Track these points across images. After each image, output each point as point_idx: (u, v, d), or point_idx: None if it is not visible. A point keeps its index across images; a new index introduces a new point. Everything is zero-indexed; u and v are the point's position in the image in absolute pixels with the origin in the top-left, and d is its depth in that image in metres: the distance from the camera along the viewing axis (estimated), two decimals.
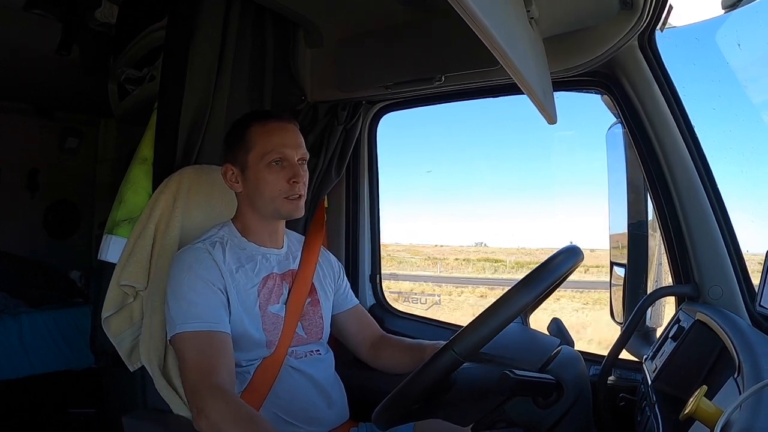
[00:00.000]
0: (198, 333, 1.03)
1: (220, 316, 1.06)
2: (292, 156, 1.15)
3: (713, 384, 0.80)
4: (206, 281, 1.07)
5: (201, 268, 1.07)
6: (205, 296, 1.06)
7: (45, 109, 3.20)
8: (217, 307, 1.06)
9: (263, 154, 1.13)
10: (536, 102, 0.88)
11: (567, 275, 0.97)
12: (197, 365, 1.00)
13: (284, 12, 1.42)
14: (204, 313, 1.04)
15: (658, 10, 1.07)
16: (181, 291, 1.06)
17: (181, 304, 1.05)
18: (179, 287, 1.06)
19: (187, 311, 1.04)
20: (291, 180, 1.13)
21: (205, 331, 1.03)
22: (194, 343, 1.02)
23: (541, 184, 19.58)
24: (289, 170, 1.14)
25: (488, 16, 0.54)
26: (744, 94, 1.69)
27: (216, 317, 1.05)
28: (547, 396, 0.87)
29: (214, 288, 1.07)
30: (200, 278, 1.06)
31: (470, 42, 0.93)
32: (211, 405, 0.96)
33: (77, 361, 2.62)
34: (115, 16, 2.12)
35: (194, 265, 1.08)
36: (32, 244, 3.20)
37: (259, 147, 1.14)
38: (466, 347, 0.83)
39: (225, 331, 1.05)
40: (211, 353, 1.01)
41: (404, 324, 1.66)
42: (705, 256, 1.12)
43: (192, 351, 1.02)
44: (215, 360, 1.01)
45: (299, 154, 1.16)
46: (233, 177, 1.17)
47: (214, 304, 1.06)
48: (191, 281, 1.06)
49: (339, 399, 1.20)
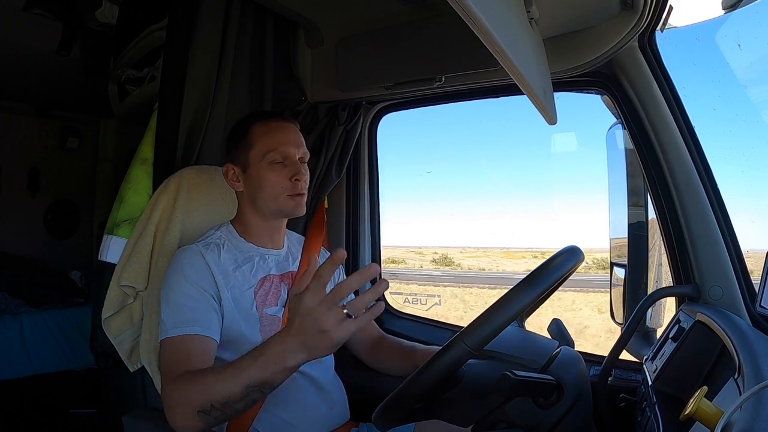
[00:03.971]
0: (185, 337, 1.01)
1: (209, 321, 1.04)
2: (293, 154, 1.15)
3: (713, 384, 0.80)
4: (197, 286, 1.06)
5: (193, 272, 1.07)
6: (194, 299, 1.04)
7: (45, 109, 3.21)
8: (207, 310, 1.05)
9: (265, 153, 1.13)
10: (536, 102, 0.88)
11: (569, 274, 0.97)
12: (174, 366, 0.97)
13: (284, 12, 1.42)
14: (193, 317, 1.03)
15: (659, 11, 1.07)
16: (173, 295, 1.05)
17: (172, 308, 1.04)
18: (170, 291, 1.06)
19: (177, 315, 1.02)
20: (293, 178, 1.14)
21: (192, 335, 1.01)
22: (178, 348, 1.00)
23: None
24: (291, 168, 1.14)
25: (488, 17, 0.54)
26: (744, 94, 1.69)
27: (204, 321, 1.03)
28: (547, 396, 0.87)
29: (205, 294, 1.06)
30: (191, 282, 1.05)
31: (470, 42, 0.93)
32: (172, 387, 0.93)
33: (78, 361, 2.62)
34: (115, 17, 2.13)
35: (186, 268, 1.07)
36: (32, 243, 3.21)
37: (261, 145, 1.14)
38: (475, 339, 0.82)
39: (212, 337, 1.03)
40: (189, 360, 0.98)
41: (404, 324, 1.66)
42: (705, 256, 1.12)
43: (175, 355, 0.99)
44: (191, 365, 0.97)
45: (300, 153, 1.17)
46: (234, 176, 1.17)
47: (203, 306, 1.05)
48: (182, 285, 1.05)
49: (340, 399, 1.20)
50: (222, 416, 0.89)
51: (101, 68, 2.30)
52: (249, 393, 0.86)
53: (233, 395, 0.86)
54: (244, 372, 0.85)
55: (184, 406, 0.89)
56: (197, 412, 0.88)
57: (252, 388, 0.85)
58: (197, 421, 0.89)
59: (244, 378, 0.85)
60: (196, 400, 0.88)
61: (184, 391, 0.90)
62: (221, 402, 0.87)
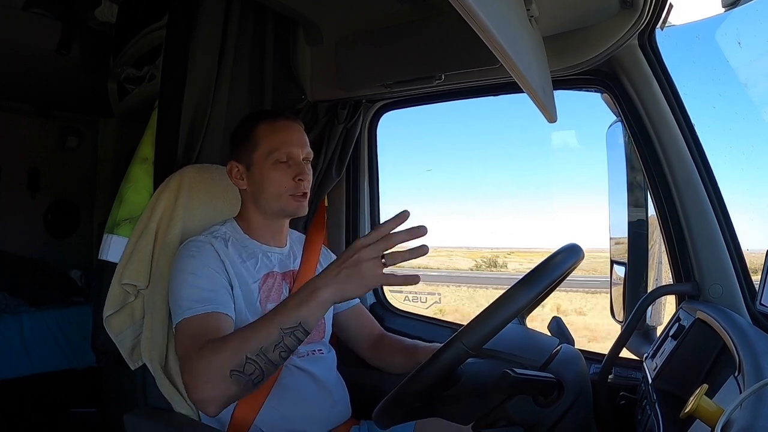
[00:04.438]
0: (204, 316, 0.99)
1: (226, 301, 1.04)
2: (297, 154, 1.15)
3: (714, 382, 0.80)
4: (211, 268, 1.06)
5: (205, 256, 1.07)
6: (211, 280, 1.04)
7: (45, 109, 3.21)
8: (223, 291, 1.05)
9: (269, 152, 1.14)
10: (536, 100, 0.88)
11: (569, 272, 0.97)
12: (197, 341, 0.94)
13: (284, 11, 1.42)
14: (210, 297, 1.02)
15: (658, 9, 1.06)
16: (186, 278, 1.04)
17: (186, 290, 1.02)
18: (183, 274, 1.04)
19: (193, 296, 1.02)
20: (296, 178, 1.14)
21: (210, 313, 1.00)
22: (199, 325, 0.98)
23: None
24: (295, 168, 1.14)
25: (488, 15, 0.54)
26: (744, 92, 1.69)
27: (222, 301, 1.03)
28: (547, 395, 0.87)
29: (219, 276, 1.06)
30: (205, 264, 1.06)
31: (470, 40, 0.93)
32: (197, 358, 0.89)
33: (78, 361, 2.62)
34: (114, 15, 2.12)
35: (197, 254, 1.07)
36: (33, 243, 3.21)
37: (266, 145, 1.14)
38: (473, 339, 0.83)
39: (230, 314, 1.03)
40: (211, 333, 0.96)
41: (404, 322, 1.66)
42: (705, 254, 1.12)
43: (195, 330, 0.97)
44: (215, 335, 0.95)
45: (304, 153, 1.17)
46: (238, 174, 1.18)
47: (219, 287, 1.05)
48: (196, 267, 1.05)
49: (341, 397, 1.20)
50: (257, 372, 0.86)
51: (101, 67, 2.30)
52: (284, 338, 0.85)
53: (269, 341, 0.85)
54: (277, 315, 0.86)
55: (214, 371, 0.86)
56: (230, 373, 0.85)
57: (286, 331, 0.85)
58: (230, 384, 0.86)
59: (277, 320, 0.86)
60: (229, 360, 0.86)
61: (214, 355, 0.87)
62: (256, 351, 0.85)
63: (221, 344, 0.89)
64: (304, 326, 0.86)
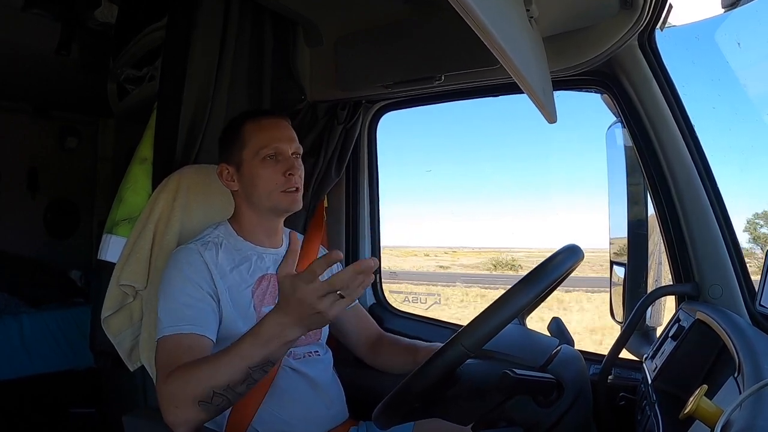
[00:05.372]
0: (180, 336, 1.00)
1: (205, 319, 1.04)
2: (286, 150, 1.15)
3: (713, 383, 0.80)
4: (195, 284, 1.05)
5: (191, 270, 1.06)
6: (193, 297, 1.04)
7: (44, 109, 3.21)
8: (204, 308, 1.05)
9: (257, 150, 1.13)
10: (536, 101, 0.88)
11: (569, 272, 0.97)
12: (169, 364, 0.96)
13: (284, 11, 1.42)
14: (190, 315, 1.02)
15: (658, 10, 1.06)
16: (171, 293, 1.05)
17: (170, 306, 1.03)
18: (169, 288, 1.05)
19: (175, 314, 1.02)
20: (287, 173, 1.13)
21: (186, 334, 1.00)
22: (174, 346, 0.99)
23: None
24: (284, 164, 1.14)
25: (488, 15, 0.54)
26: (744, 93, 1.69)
27: (201, 320, 1.03)
28: (547, 395, 0.87)
29: (203, 292, 1.06)
30: (189, 281, 1.05)
31: (470, 41, 0.93)
32: (167, 382, 0.91)
33: (78, 361, 2.62)
34: (114, 16, 2.13)
35: (184, 267, 1.07)
36: (32, 243, 3.21)
37: (253, 143, 1.14)
38: (472, 341, 0.83)
39: (208, 336, 1.03)
40: (184, 356, 0.97)
41: (403, 323, 1.66)
42: (705, 255, 1.12)
43: (171, 353, 0.98)
44: (185, 362, 0.96)
45: (293, 148, 1.17)
46: (229, 176, 1.17)
47: (201, 303, 1.05)
48: (181, 283, 1.05)
49: (337, 399, 1.19)
50: (224, 402, 0.89)
51: (100, 68, 2.30)
52: (251, 374, 0.87)
53: (235, 379, 0.87)
54: (244, 354, 0.87)
55: (183, 399, 0.89)
56: (198, 403, 0.88)
57: (254, 369, 0.87)
58: (198, 412, 0.88)
59: (245, 360, 0.87)
60: (196, 390, 0.88)
61: (182, 383, 0.90)
62: (223, 387, 0.87)
63: (190, 374, 0.90)
64: (272, 361, 0.89)
